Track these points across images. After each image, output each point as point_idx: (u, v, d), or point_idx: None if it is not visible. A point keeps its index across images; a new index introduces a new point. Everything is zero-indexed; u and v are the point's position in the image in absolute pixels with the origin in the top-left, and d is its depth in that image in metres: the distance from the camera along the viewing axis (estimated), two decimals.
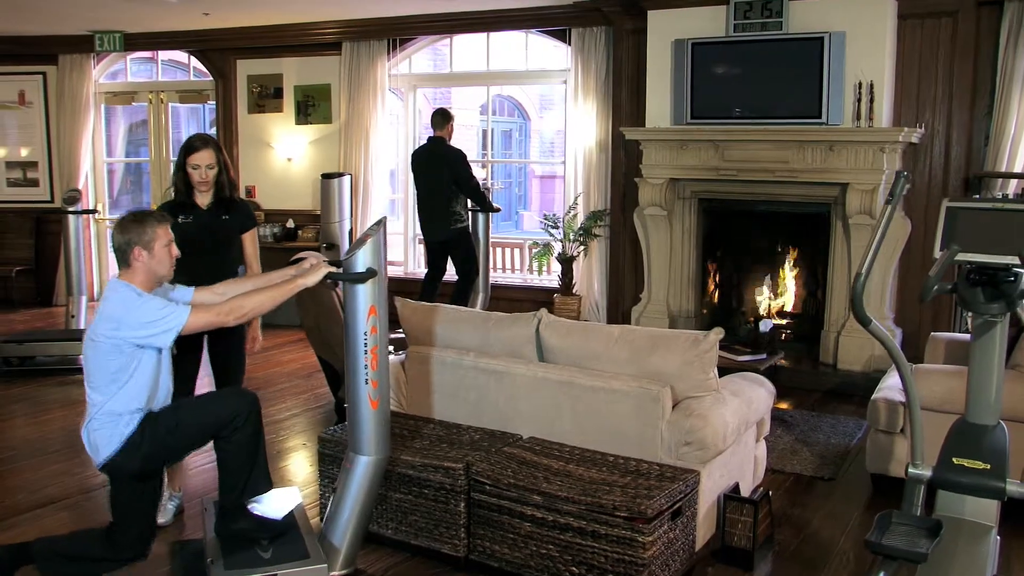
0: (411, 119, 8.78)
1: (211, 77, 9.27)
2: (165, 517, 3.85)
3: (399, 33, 8.24)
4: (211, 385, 4.04)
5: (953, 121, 6.14)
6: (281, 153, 9.05)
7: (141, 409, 2.94)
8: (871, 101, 5.92)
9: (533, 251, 8.40)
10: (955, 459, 2.86)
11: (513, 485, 3.23)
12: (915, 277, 6.21)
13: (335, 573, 3.20)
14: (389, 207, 9.37)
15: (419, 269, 8.53)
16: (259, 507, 3.24)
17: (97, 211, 9.49)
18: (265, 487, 3.17)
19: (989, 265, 2.72)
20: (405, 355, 4.18)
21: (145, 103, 9.74)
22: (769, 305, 6.83)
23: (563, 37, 7.66)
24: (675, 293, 6.93)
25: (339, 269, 3.11)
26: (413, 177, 7.06)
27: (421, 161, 6.84)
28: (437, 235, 6.78)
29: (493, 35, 8.25)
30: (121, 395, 2.90)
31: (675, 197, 6.81)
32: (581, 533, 3.09)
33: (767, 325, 5.78)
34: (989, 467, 2.81)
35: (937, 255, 2.79)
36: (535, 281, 8.37)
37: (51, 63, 9.53)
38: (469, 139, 12.97)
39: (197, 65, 9.51)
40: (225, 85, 9.16)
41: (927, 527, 2.78)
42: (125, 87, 9.89)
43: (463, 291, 6.83)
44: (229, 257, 3.89)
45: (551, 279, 8.06)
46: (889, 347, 2.87)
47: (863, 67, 5.95)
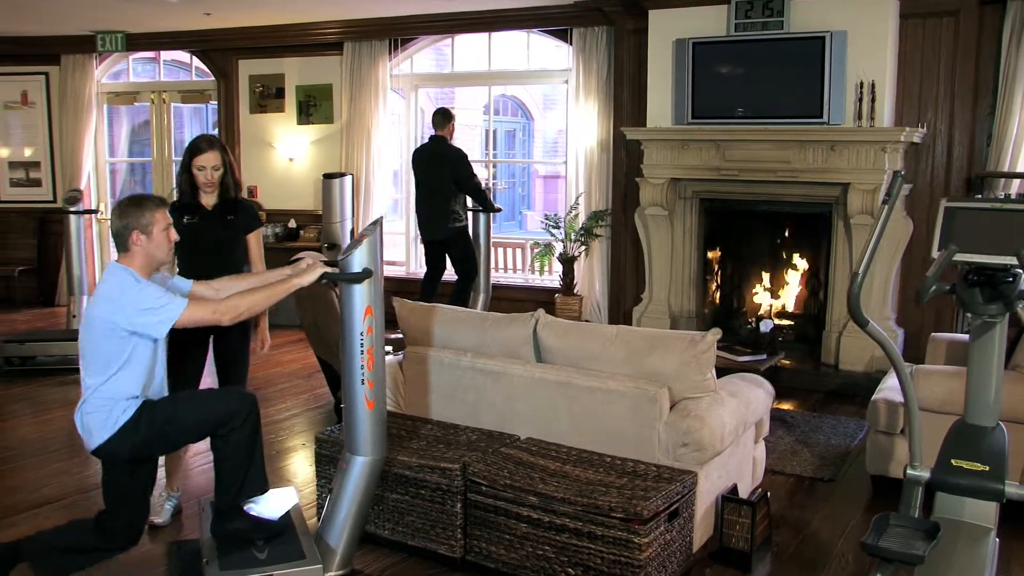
0: (413, 119, 8.77)
1: (213, 77, 9.28)
2: (162, 517, 3.86)
3: (400, 33, 8.24)
4: (214, 384, 4.04)
5: (955, 121, 6.12)
6: (283, 153, 9.05)
7: (137, 396, 2.93)
8: (872, 101, 5.90)
9: (534, 251, 8.39)
10: (954, 461, 2.85)
11: (509, 486, 3.22)
12: (917, 277, 6.18)
13: (331, 573, 3.20)
14: (392, 207, 9.36)
15: (420, 269, 8.50)
16: (255, 507, 3.22)
17: (99, 211, 9.50)
18: (261, 489, 3.16)
19: (987, 265, 2.70)
20: (403, 355, 4.17)
21: (147, 103, 9.76)
22: (771, 305, 6.81)
23: (564, 37, 7.65)
24: (676, 293, 6.92)
25: (335, 269, 3.10)
26: (413, 175, 7.06)
27: (422, 160, 6.84)
28: (435, 234, 6.78)
29: (495, 35, 8.25)
30: (116, 381, 2.88)
31: (676, 197, 6.79)
32: (577, 534, 3.08)
33: (768, 325, 5.75)
34: (988, 469, 2.79)
35: (935, 255, 2.77)
36: (536, 281, 8.36)
37: (53, 63, 9.56)
38: (472, 139, 12.94)
39: (199, 65, 9.52)
40: (227, 85, 9.17)
41: (924, 529, 2.76)
42: (127, 87, 9.91)
43: (462, 291, 6.82)
44: (234, 258, 3.88)
45: (552, 279, 8.05)
46: (886, 348, 2.85)
47: (864, 67, 5.93)
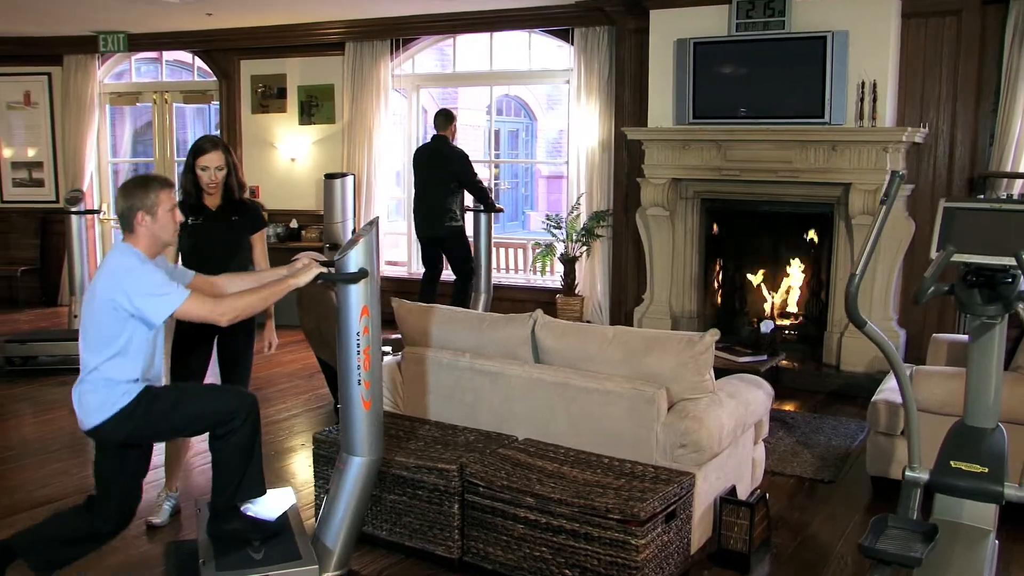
0: (414, 119, 8.77)
1: (215, 77, 9.29)
2: (161, 518, 3.86)
3: (402, 33, 8.24)
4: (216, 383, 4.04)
5: (957, 121, 6.09)
6: (285, 153, 9.06)
7: (137, 380, 2.92)
8: (874, 101, 5.88)
9: (536, 252, 8.38)
10: (953, 462, 2.83)
11: (506, 487, 3.21)
12: (919, 278, 6.05)
13: (328, 574, 3.18)
14: (395, 207, 9.36)
15: (422, 269, 8.49)
16: (253, 508, 3.21)
17: (101, 211, 9.51)
18: (258, 492, 3.15)
19: (986, 266, 2.69)
20: (401, 356, 4.17)
21: (150, 103, 9.77)
22: (772, 306, 6.79)
23: (566, 37, 7.65)
24: (678, 294, 6.90)
25: (331, 269, 3.09)
26: (413, 172, 7.06)
27: (424, 159, 6.84)
28: (431, 231, 6.78)
29: (497, 35, 8.24)
30: (116, 363, 2.87)
31: (677, 197, 6.78)
32: (574, 535, 3.07)
33: (768, 326, 5.74)
34: (987, 470, 2.78)
35: (933, 256, 2.76)
36: (538, 282, 8.35)
37: (56, 64, 9.58)
38: (476, 139, 12.91)
39: (201, 65, 9.52)
40: (229, 85, 9.18)
41: (922, 531, 2.75)
42: (130, 87, 9.92)
43: (462, 291, 6.82)
44: (239, 258, 3.88)
45: (554, 279, 8.03)
46: (884, 348, 2.84)
47: (866, 66, 5.91)
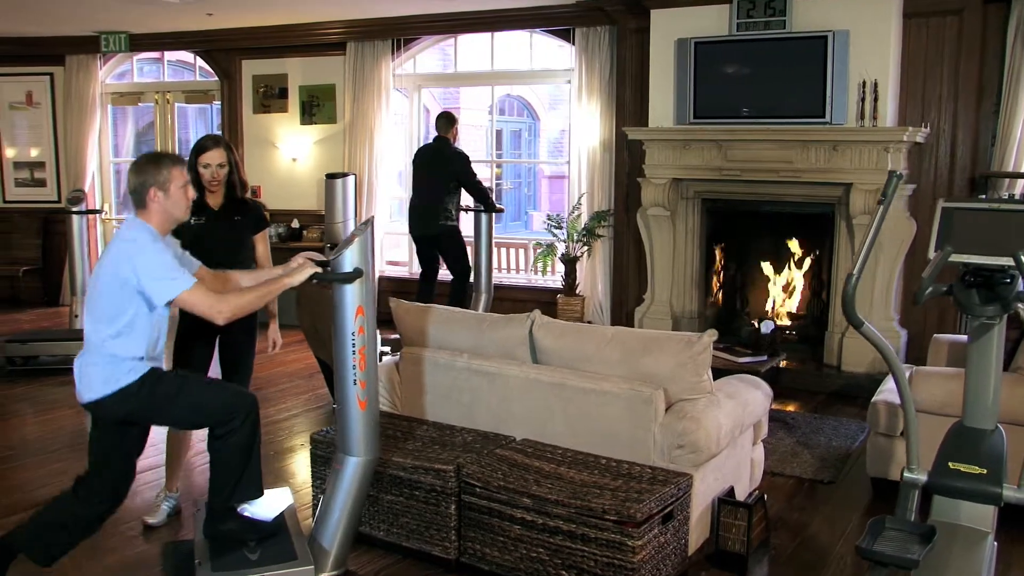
0: (416, 119, 8.76)
1: (216, 77, 9.29)
2: (158, 518, 3.86)
3: (403, 33, 8.24)
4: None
5: (959, 121, 6.07)
6: (286, 153, 9.06)
7: (143, 358, 2.93)
8: (875, 100, 5.86)
9: (537, 251, 8.36)
10: (951, 464, 2.81)
11: (503, 487, 3.20)
12: (920, 278, 6.12)
13: (325, 574, 3.18)
14: (396, 207, 9.35)
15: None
16: (249, 508, 3.22)
17: (103, 211, 9.53)
18: (256, 494, 3.14)
19: (984, 266, 2.67)
20: (399, 356, 4.16)
21: (151, 103, 9.78)
22: (772, 306, 6.78)
23: (567, 37, 7.64)
24: (678, 294, 6.89)
25: (327, 269, 3.09)
26: (413, 172, 7.06)
27: (425, 159, 6.86)
28: (426, 229, 6.78)
29: (498, 35, 8.23)
30: (121, 341, 2.88)
31: (678, 197, 6.76)
32: (571, 536, 3.06)
33: (768, 326, 5.71)
34: (986, 472, 2.76)
35: (931, 256, 2.75)
36: (539, 282, 8.34)
37: (58, 64, 9.59)
38: (478, 139, 12.90)
39: (203, 65, 9.53)
40: (230, 85, 9.18)
41: (920, 533, 2.73)
42: (132, 87, 9.93)
43: (459, 291, 6.81)
44: (241, 258, 3.87)
45: (555, 280, 8.02)
46: (881, 349, 2.83)
47: (867, 66, 5.89)
